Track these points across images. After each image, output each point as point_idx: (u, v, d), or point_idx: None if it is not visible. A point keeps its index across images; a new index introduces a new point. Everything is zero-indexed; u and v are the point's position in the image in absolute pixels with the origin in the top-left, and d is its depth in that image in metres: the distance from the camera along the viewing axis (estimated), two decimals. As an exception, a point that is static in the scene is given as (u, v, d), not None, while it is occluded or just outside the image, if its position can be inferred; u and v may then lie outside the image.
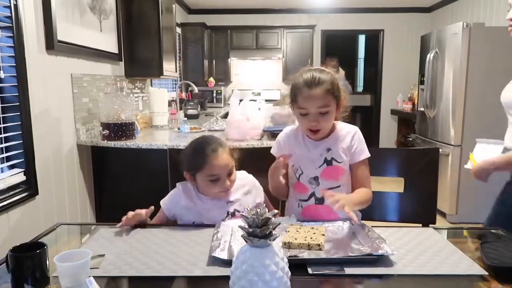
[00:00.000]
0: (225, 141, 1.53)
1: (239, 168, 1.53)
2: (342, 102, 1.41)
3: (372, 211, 1.67)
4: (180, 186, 1.49)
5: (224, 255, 1.08)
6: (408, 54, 6.09)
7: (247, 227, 0.85)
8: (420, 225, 1.48)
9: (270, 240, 0.85)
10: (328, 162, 1.43)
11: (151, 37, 3.24)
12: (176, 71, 3.93)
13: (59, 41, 2.24)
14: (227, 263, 1.00)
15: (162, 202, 1.49)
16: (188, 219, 1.45)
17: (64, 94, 2.37)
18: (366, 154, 1.46)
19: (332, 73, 1.40)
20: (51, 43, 2.17)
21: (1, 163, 1.93)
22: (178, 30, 5.43)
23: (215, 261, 1.07)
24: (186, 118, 3.88)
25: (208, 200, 1.46)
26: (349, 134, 1.45)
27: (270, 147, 1.56)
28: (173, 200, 1.47)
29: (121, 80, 3.07)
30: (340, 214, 1.37)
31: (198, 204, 1.45)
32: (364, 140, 1.47)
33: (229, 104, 4.23)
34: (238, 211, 1.44)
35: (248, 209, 0.87)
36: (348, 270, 1.03)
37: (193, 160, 1.44)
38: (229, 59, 6.32)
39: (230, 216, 1.44)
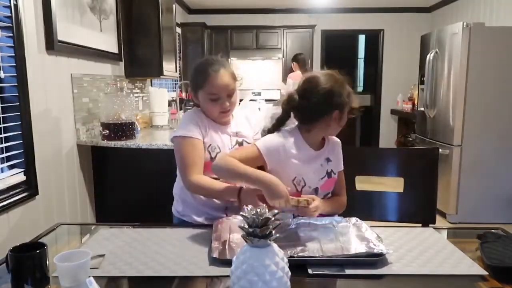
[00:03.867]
0: (229, 63, 1.56)
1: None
2: (344, 114, 1.37)
3: (372, 211, 1.68)
4: (199, 113, 1.51)
5: (224, 256, 1.08)
6: (408, 54, 6.08)
7: (247, 227, 0.85)
8: (420, 225, 1.48)
9: (270, 240, 0.85)
10: (329, 175, 1.43)
11: (151, 37, 3.24)
12: (176, 71, 3.92)
13: (59, 41, 2.24)
14: (227, 263, 1.00)
15: (187, 133, 1.43)
16: (206, 143, 1.46)
17: (64, 94, 2.37)
18: (342, 163, 1.50)
19: (336, 80, 1.36)
20: (51, 43, 2.17)
21: (1, 163, 1.93)
22: (178, 30, 5.43)
23: (215, 261, 1.07)
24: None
25: (221, 128, 1.51)
26: (337, 144, 1.49)
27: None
28: (197, 123, 1.46)
29: (121, 80, 3.06)
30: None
31: (215, 130, 1.50)
32: None
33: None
34: (246, 142, 1.53)
35: (248, 209, 0.87)
36: (348, 271, 1.03)
37: (195, 79, 1.49)
38: (229, 59, 6.31)
39: (237, 145, 1.52)
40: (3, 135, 1.92)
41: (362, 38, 7.98)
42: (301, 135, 1.41)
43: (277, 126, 1.44)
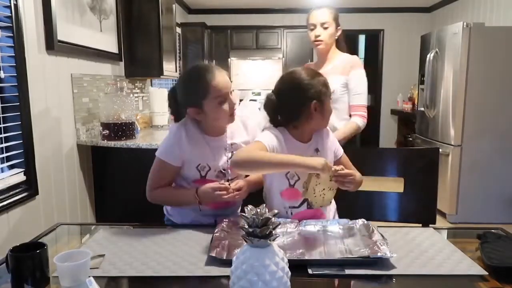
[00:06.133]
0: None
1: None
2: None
3: (372, 211, 1.68)
4: (183, 131, 1.42)
5: (222, 255, 1.08)
6: (408, 54, 6.09)
7: (247, 227, 0.85)
8: (420, 225, 1.48)
9: (270, 240, 0.85)
10: None
11: (151, 37, 3.24)
12: (176, 71, 3.92)
13: (59, 41, 2.24)
14: (227, 263, 1.00)
15: (163, 156, 1.42)
16: (194, 163, 1.42)
17: (64, 94, 2.37)
18: (341, 147, 1.51)
19: (307, 72, 1.41)
20: (51, 43, 2.17)
21: (1, 163, 1.93)
22: (178, 30, 5.43)
23: (215, 261, 1.07)
24: (186, 118, 3.87)
25: (213, 142, 1.45)
26: (327, 133, 1.48)
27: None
28: (178, 147, 1.40)
29: (121, 80, 3.06)
30: (328, 215, 1.44)
31: (205, 147, 1.43)
32: None
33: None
34: None
35: (248, 209, 0.87)
36: (348, 271, 1.03)
37: (196, 90, 1.38)
38: (229, 59, 6.32)
39: None
40: (3, 135, 1.92)
41: (362, 38, 7.97)
42: (289, 133, 1.41)
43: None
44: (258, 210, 0.86)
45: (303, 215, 1.39)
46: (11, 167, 1.99)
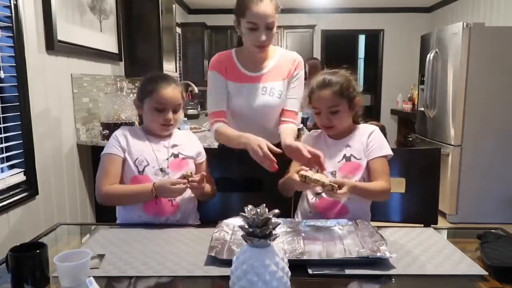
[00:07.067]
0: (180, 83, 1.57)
1: (242, 164, 1.52)
2: (357, 101, 1.49)
3: (373, 211, 1.67)
4: (127, 129, 1.54)
5: (222, 255, 1.08)
6: (408, 54, 6.08)
7: (247, 227, 0.85)
8: (422, 225, 1.47)
9: (270, 240, 0.85)
10: (347, 158, 1.48)
11: (151, 37, 3.24)
12: (176, 71, 3.93)
13: (59, 41, 2.24)
14: (227, 263, 1.00)
15: (107, 150, 1.46)
16: (133, 158, 1.46)
17: (64, 94, 2.37)
18: (383, 151, 1.48)
19: (346, 76, 1.50)
20: (51, 43, 2.17)
21: (1, 163, 1.93)
22: (178, 30, 5.43)
23: (214, 261, 1.07)
24: (186, 118, 3.88)
25: (155, 140, 1.52)
26: (366, 133, 1.51)
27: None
28: (120, 139, 1.48)
29: (121, 80, 3.06)
30: (351, 207, 1.43)
31: (144, 141, 1.51)
32: (383, 138, 1.51)
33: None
34: (182, 154, 1.53)
35: (248, 209, 0.87)
36: (348, 271, 1.03)
37: (145, 87, 1.52)
38: (229, 59, 6.31)
39: (173, 157, 1.51)
40: (3, 135, 1.92)
41: (362, 38, 7.98)
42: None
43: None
44: (258, 210, 0.86)
45: (322, 202, 1.45)
46: (11, 167, 1.99)
